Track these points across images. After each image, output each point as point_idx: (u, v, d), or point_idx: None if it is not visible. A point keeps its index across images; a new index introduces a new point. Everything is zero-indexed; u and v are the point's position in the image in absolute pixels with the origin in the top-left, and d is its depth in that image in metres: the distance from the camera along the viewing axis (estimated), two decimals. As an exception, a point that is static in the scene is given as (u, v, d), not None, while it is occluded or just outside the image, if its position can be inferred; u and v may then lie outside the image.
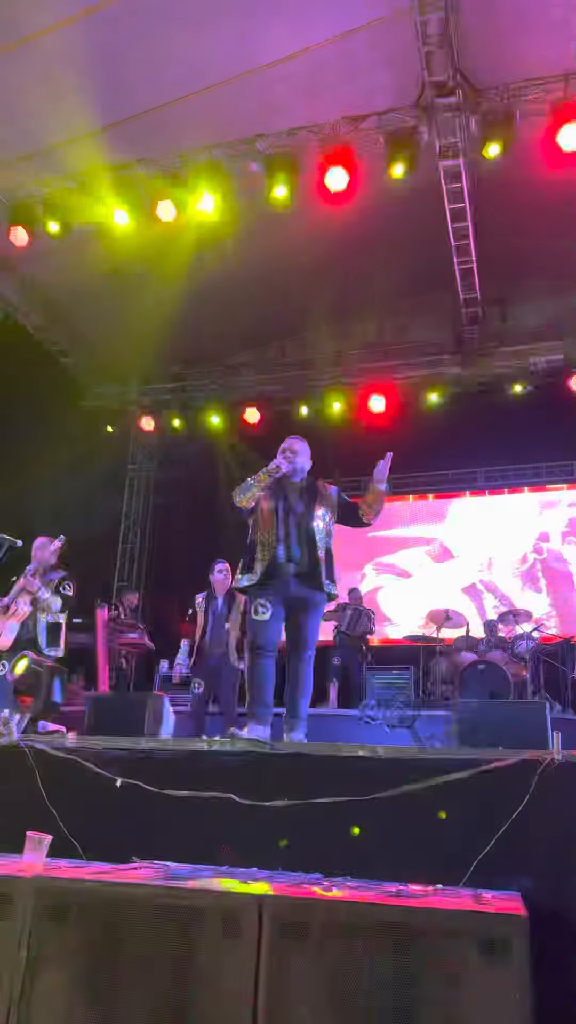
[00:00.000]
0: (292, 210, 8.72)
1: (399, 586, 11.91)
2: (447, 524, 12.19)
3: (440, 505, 12.38)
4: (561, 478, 11.88)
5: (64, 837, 3.35)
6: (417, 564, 11.96)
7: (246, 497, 4.50)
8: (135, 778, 3.46)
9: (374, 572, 12.07)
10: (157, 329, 11.30)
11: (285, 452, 4.61)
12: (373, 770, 3.27)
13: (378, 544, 12.07)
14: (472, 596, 11.27)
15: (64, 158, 8.00)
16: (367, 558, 12.10)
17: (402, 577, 11.93)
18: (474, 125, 7.14)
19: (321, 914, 2.29)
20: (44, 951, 2.42)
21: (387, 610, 11.68)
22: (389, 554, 12.13)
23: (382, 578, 12.00)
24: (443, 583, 11.68)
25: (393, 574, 12.00)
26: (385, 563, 12.08)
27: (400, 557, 12.08)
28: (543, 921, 2.66)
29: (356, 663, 9.15)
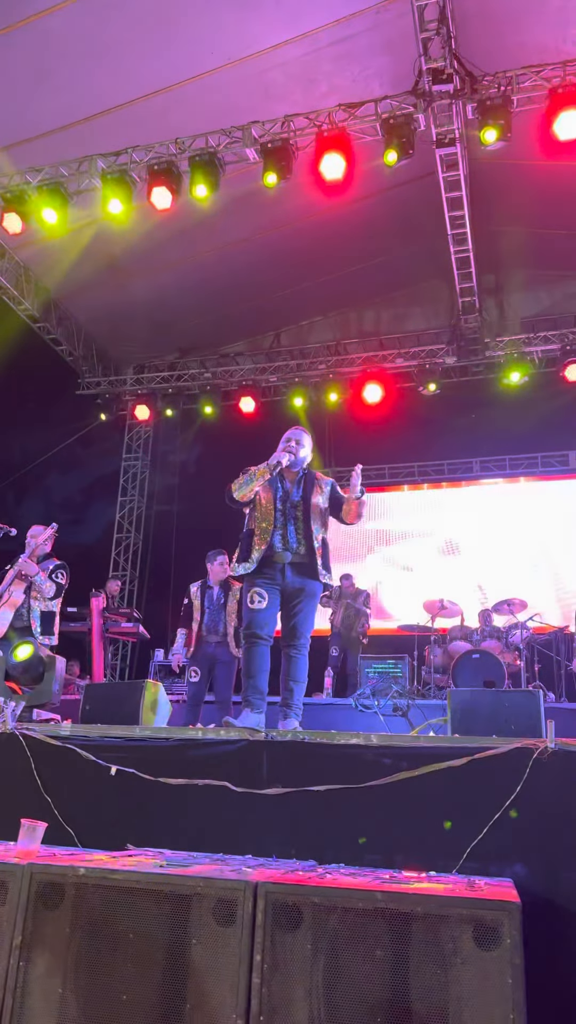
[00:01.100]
0: (288, 199, 8.71)
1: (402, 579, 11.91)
2: (444, 515, 12.18)
3: (434, 495, 12.39)
4: (557, 468, 11.90)
5: (59, 825, 3.36)
6: (420, 557, 11.94)
7: (245, 491, 4.48)
8: (130, 766, 3.47)
9: (381, 563, 12.06)
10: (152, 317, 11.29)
11: (289, 443, 4.59)
12: (367, 758, 3.28)
13: (379, 536, 12.07)
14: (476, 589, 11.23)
15: (57, 145, 7.95)
16: (368, 549, 12.09)
17: (406, 570, 11.90)
18: (471, 112, 7.10)
19: (315, 900, 2.29)
20: (38, 937, 2.43)
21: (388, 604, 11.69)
22: (388, 545, 12.12)
23: (386, 570, 11.99)
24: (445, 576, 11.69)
25: (396, 567, 11.98)
26: (388, 555, 12.08)
27: (401, 549, 12.07)
28: (536, 908, 2.68)
29: (354, 656, 9.16)
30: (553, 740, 3.07)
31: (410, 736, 3.88)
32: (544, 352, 10.82)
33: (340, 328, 12.14)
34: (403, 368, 11.35)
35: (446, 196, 8.56)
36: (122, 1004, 2.31)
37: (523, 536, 11.54)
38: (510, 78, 6.92)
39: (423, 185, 8.85)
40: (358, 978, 2.20)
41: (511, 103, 6.86)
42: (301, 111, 7.52)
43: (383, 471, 12.56)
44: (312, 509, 4.50)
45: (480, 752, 3.10)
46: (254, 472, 4.48)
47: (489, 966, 2.13)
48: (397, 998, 2.16)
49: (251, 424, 11.49)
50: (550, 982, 2.66)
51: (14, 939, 2.43)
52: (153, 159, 7.84)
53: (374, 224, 9.81)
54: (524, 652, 7.96)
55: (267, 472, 4.45)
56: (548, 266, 10.97)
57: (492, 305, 11.36)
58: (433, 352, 11.25)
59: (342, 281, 11.04)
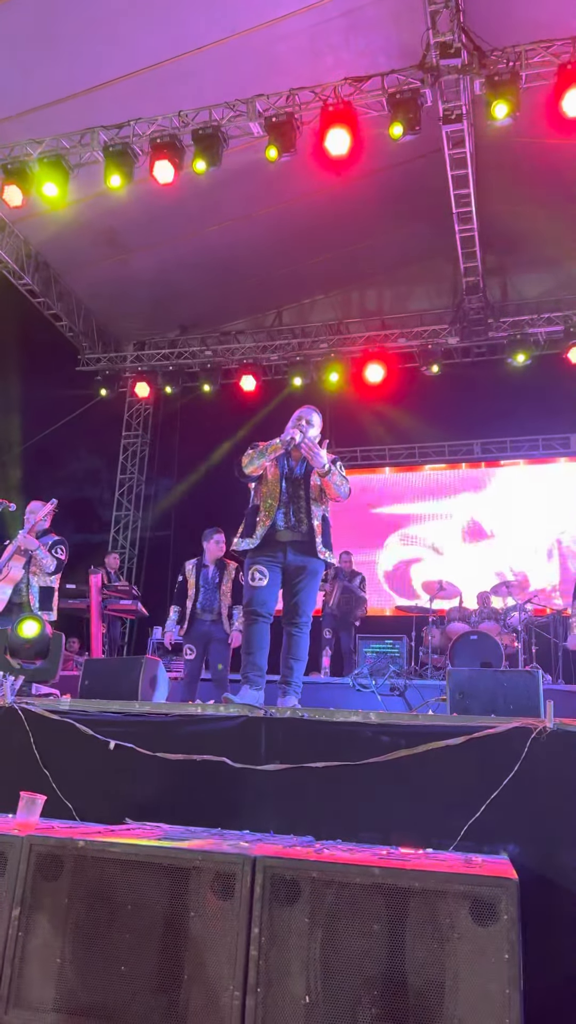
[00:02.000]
0: (292, 175, 8.61)
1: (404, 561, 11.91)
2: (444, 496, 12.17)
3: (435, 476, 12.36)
4: (558, 451, 11.87)
5: (58, 799, 3.37)
6: (439, 539, 11.92)
7: (255, 466, 4.46)
8: (128, 741, 3.47)
9: (399, 543, 12.06)
10: (153, 294, 11.21)
11: (300, 421, 4.56)
12: (366, 736, 3.28)
13: (388, 520, 12.07)
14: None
15: (58, 117, 7.84)
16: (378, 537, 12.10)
17: (408, 552, 11.89)
18: (479, 88, 6.99)
19: (313, 874, 2.30)
20: (37, 907, 2.44)
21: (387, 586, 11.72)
22: (386, 526, 12.11)
23: (388, 553, 11.99)
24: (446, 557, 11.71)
25: (420, 547, 11.97)
26: (410, 535, 12.06)
27: (401, 530, 12.05)
28: (532, 886, 2.69)
29: (346, 633, 9.19)
30: (552, 720, 3.08)
31: (409, 715, 3.89)
32: (547, 334, 10.76)
33: (342, 307, 12.06)
34: (405, 348, 11.28)
35: (451, 174, 8.47)
36: (120, 975, 2.33)
37: (524, 519, 11.53)
38: (519, 53, 6.81)
39: (428, 163, 8.74)
40: (355, 952, 2.21)
41: (519, 79, 6.75)
42: (306, 85, 7.41)
43: (383, 452, 12.54)
44: (312, 487, 4.49)
45: (479, 731, 3.10)
46: (265, 447, 4.46)
47: (486, 942, 2.14)
48: (393, 972, 2.17)
49: (252, 402, 11.45)
50: (545, 959, 2.68)
51: (13, 910, 2.45)
52: (156, 132, 7.74)
53: (378, 202, 9.71)
54: (522, 634, 7.98)
55: (280, 447, 4.43)
56: (553, 246, 10.87)
57: (496, 285, 11.28)
58: (436, 332, 11.18)
59: (344, 259, 10.95)
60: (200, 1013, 2.22)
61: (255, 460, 4.45)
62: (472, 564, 11.21)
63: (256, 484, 4.57)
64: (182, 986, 2.27)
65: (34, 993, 2.37)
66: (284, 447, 4.43)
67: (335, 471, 4.45)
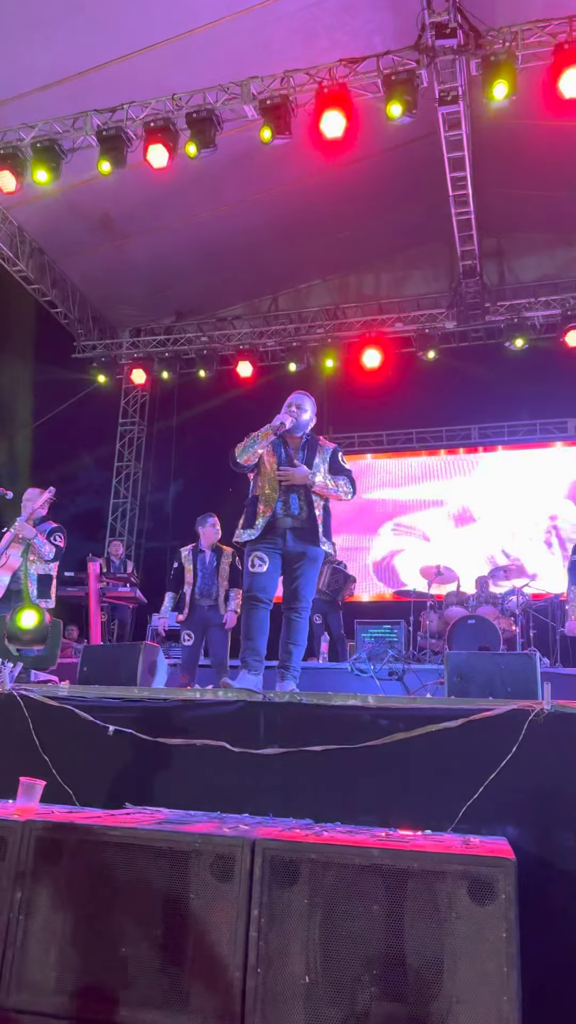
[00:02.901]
0: (287, 159, 8.55)
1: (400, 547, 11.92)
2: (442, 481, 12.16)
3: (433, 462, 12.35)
4: (556, 435, 11.86)
5: (57, 784, 3.38)
6: (421, 523, 11.92)
7: (248, 454, 4.46)
8: (128, 726, 3.49)
9: (392, 534, 12.06)
10: (149, 280, 11.15)
11: (291, 407, 4.56)
12: (364, 719, 3.30)
13: (383, 506, 12.06)
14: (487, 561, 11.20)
15: (50, 101, 7.77)
16: (373, 523, 12.08)
17: (422, 540, 11.88)
18: (475, 69, 6.93)
19: (312, 856, 2.31)
20: (38, 891, 2.45)
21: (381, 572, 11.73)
22: (401, 515, 12.09)
23: (384, 540, 11.99)
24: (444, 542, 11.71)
25: (411, 536, 11.96)
26: (403, 524, 12.05)
27: (398, 516, 12.04)
28: (529, 867, 2.71)
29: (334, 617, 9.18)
30: (549, 702, 3.09)
31: (407, 698, 3.91)
32: (545, 317, 10.72)
33: (339, 292, 12.01)
34: (402, 333, 11.24)
35: (448, 156, 8.42)
36: (121, 957, 2.34)
37: (521, 504, 11.53)
38: (515, 33, 6.74)
39: (424, 145, 8.68)
40: (354, 932, 2.23)
41: (516, 59, 6.69)
42: (301, 66, 7.34)
43: (381, 437, 12.53)
44: (315, 475, 4.48)
45: (476, 714, 3.12)
46: (257, 435, 4.46)
47: (484, 921, 2.15)
48: (392, 952, 2.19)
49: (248, 388, 11.42)
50: (543, 939, 2.70)
51: (14, 893, 2.46)
52: (149, 116, 7.67)
53: (374, 185, 9.65)
54: (520, 618, 8.00)
55: (270, 433, 4.43)
56: (550, 229, 10.83)
57: (493, 269, 11.23)
58: (433, 317, 11.14)
59: (341, 244, 10.90)
60: (201, 994, 2.24)
61: (248, 448, 4.45)
62: (468, 549, 11.21)
63: (254, 474, 4.57)
64: (183, 967, 2.29)
65: (36, 976, 2.39)
66: (274, 432, 4.43)
67: (327, 481, 4.45)
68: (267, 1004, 2.19)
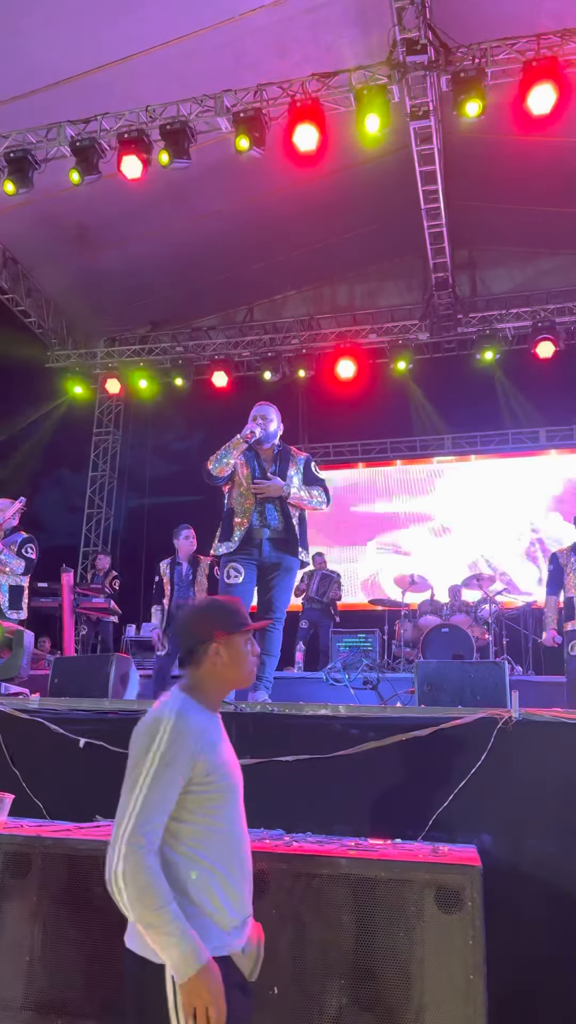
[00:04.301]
0: (261, 171, 8.59)
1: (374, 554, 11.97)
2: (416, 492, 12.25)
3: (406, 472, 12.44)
4: (527, 445, 12.00)
5: (27, 797, 3.36)
6: (409, 537, 11.95)
7: (222, 465, 4.48)
8: (99, 739, 3.47)
9: (375, 551, 12.10)
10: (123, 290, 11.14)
11: (256, 419, 4.58)
12: (335, 729, 3.32)
13: (370, 518, 12.09)
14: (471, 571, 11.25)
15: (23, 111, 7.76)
16: (361, 535, 12.11)
17: (401, 551, 11.92)
18: (445, 85, 7.03)
19: (282, 867, 2.32)
20: (5, 906, 2.44)
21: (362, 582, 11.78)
22: (389, 531, 12.12)
23: (385, 557, 12.03)
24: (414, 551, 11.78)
25: (389, 551, 12.00)
26: (388, 542, 12.09)
27: (402, 535, 12.07)
28: (499, 874, 2.74)
29: (324, 627, 9.24)
30: (517, 710, 3.12)
31: (378, 707, 3.93)
32: (516, 329, 10.85)
33: (313, 303, 12.08)
34: (376, 344, 11.32)
35: (420, 170, 8.51)
36: (89, 973, 2.33)
37: (494, 514, 11.64)
38: (484, 50, 6.85)
39: (397, 159, 8.78)
40: (323, 942, 2.24)
41: (485, 76, 6.80)
42: (274, 80, 7.40)
43: (355, 447, 12.60)
44: (289, 485, 4.50)
45: (445, 723, 3.14)
46: (228, 446, 4.48)
47: (451, 928, 2.18)
48: (361, 961, 2.21)
49: (224, 399, 11.42)
50: (512, 945, 2.73)
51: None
52: (123, 127, 7.68)
53: (347, 198, 9.73)
54: (493, 626, 8.07)
55: (241, 443, 4.45)
56: (521, 243, 10.98)
57: (465, 281, 11.36)
58: (406, 328, 11.23)
59: (315, 255, 10.97)
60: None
61: (220, 460, 4.47)
62: (443, 560, 11.29)
63: (229, 487, 4.59)
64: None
65: (3, 991, 2.37)
66: (244, 441, 4.46)
67: (302, 491, 4.48)
68: (236, 1015, 2.19)
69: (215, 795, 1.78)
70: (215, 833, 1.77)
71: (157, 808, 1.68)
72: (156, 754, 1.71)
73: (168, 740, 1.73)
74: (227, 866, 1.76)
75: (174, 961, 1.60)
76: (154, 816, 1.67)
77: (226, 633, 1.94)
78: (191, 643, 1.95)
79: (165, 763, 1.71)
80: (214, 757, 1.80)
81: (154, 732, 1.74)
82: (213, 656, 1.92)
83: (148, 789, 1.68)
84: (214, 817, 1.77)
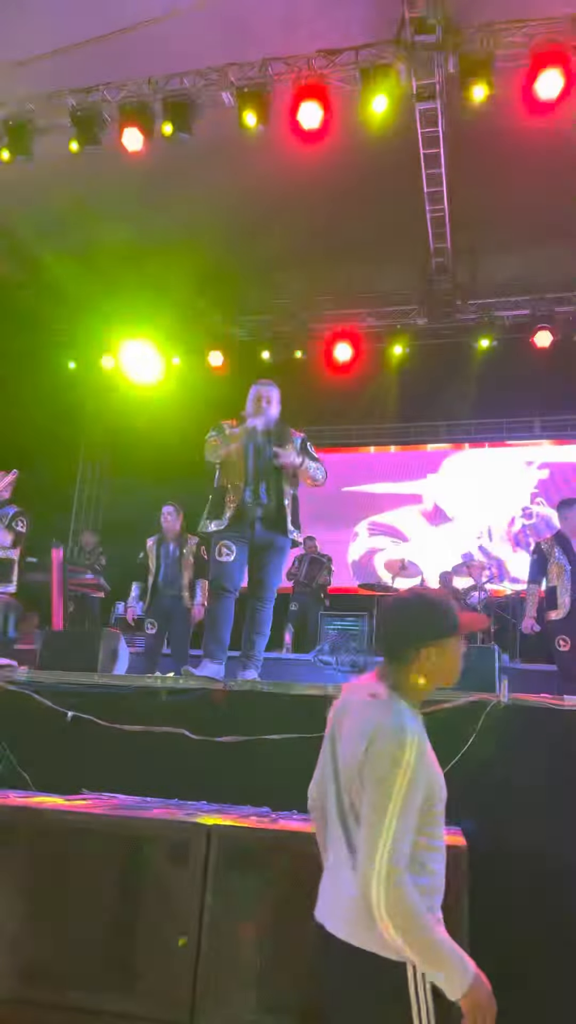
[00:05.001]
0: (262, 149, 8.49)
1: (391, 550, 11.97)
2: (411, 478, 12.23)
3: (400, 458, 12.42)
4: (522, 435, 11.99)
5: (13, 769, 3.35)
6: (405, 523, 11.93)
7: (219, 455, 4.44)
8: (87, 713, 3.47)
9: (367, 531, 12.07)
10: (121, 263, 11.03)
11: (259, 402, 4.53)
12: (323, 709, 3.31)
13: (359, 499, 12.06)
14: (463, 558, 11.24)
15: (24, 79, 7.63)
16: (350, 517, 12.08)
17: (396, 537, 11.91)
18: (452, 66, 6.96)
19: (267, 843, 2.33)
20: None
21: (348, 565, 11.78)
22: (379, 512, 12.10)
23: (375, 540, 12.00)
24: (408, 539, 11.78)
25: (388, 535, 11.98)
26: (380, 523, 12.06)
27: (394, 516, 12.05)
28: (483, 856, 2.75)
29: (314, 611, 9.25)
30: (506, 695, 3.13)
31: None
32: (514, 317, 10.81)
33: (311, 285, 11.98)
34: (373, 328, 11.27)
35: (423, 152, 8.44)
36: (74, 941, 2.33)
37: (486, 502, 11.65)
38: (493, 32, 6.78)
39: (400, 141, 8.67)
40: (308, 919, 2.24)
41: (493, 58, 6.73)
42: (280, 55, 7.30)
43: (350, 431, 12.55)
44: (283, 465, 4.48)
45: (435, 704, 3.14)
46: (229, 435, 4.43)
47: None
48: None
49: (219, 378, 11.36)
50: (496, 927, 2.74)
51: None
52: (125, 98, 7.58)
53: (349, 179, 9.61)
54: (481, 613, 8.09)
55: (242, 436, 4.40)
56: (522, 230, 10.89)
57: (464, 268, 11.28)
58: (404, 313, 11.17)
59: (314, 236, 10.86)
60: (153, 978, 2.24)
61: (219, 449, 4.42)
62: (435, 547, 11.31)
63: (221, 463, 4.54)
64: (136, 950, 2.29)
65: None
66: (246, 435, 4.40)
67: (307, 461, 4.46)
68: (219, 988, 2.20)
69: (436, 811, 1.75)
70: (433, 848, 1.74)
71: (406, 833, 1.65)
72: (405, 776, 1.66)
73: (415, 761, 1.67)
74: (441, 881, 1.73)
75: (450, 977, 1.58)
76: (403, 842, 1.64)
77: (442, 636, 1.86)
78: (401, 643, 1.88)
79: (414, 786, 1.66)
80: (438, 774, 1.76)
81: (399, 749, 1.68)
82: (423, 660, 1.84)
83: (400, 815, 1.63)
84: (433, 831, 1.74)
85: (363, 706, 1.83)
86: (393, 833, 1.62)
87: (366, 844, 1.64)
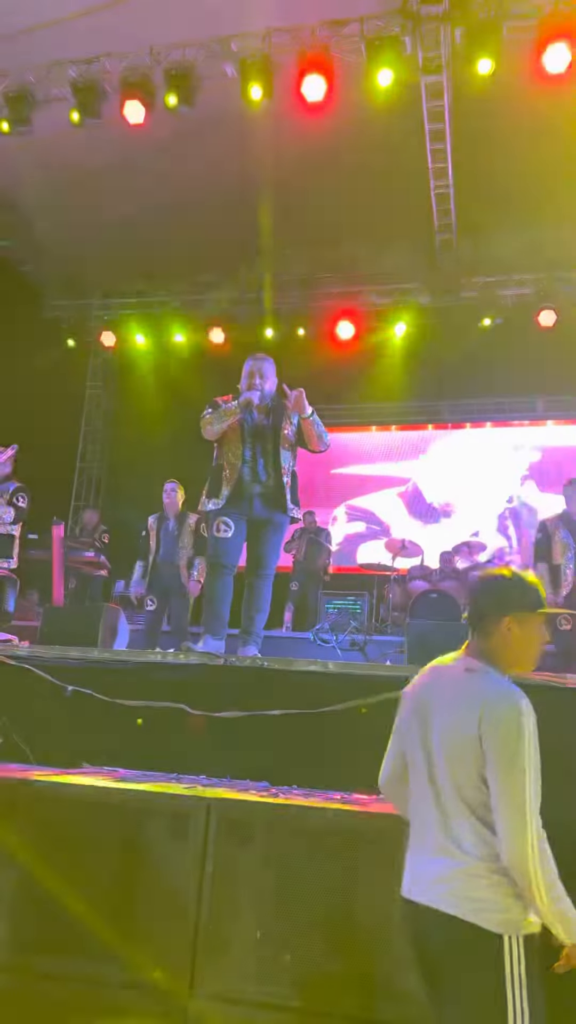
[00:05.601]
0: (266, 123, 8.38)
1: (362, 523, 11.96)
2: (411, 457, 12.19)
3: (401, 437, 12.37)
4: (524, 414, 11.92)
5: (13, 743, 3.36)
6: (391, 509, 11.92)
7: (216, 431, 4.41)
8: (87, 687, 3.47)
9: (345, 516, 12.05)
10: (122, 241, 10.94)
11: (253, 378, 4.50)
12: (324, 685, 3.32)
13: (348, 481, 12.03)
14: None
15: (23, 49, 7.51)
16: (338, 498, 12.05)
17: (376, 525, 11.89)
18: (459, 38, 6.84)
19: (267, 817, 2.33)
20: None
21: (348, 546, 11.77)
22: (361, 495, 12.06)
23: (355, 524, 11.98)
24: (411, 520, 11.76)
25: (368, 521, 11.95)
26: (358, 507, 12.03)
27: (373, 500, 12.01)
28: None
29: (314, 590, 9.24)
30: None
31: (367, 664, 3.94)
32: (518, 296, 10.73)
33: (313, 262, 11.87)
34: (376, 305, 11.18)
35: (429, 127, 8.33)
36: (74, 912, 2.35)
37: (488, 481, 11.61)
38: (501, 2, 6.66)
39: (405, 115, 8.55)
40: (307, 891, 2.25)
41: (501, 29, 6.61)
42: (283, 25, 7.18)
43: (353, 410, 12.47)
44: (282, 441, 4.46)
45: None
46: (224, 410, 4.40)
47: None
48: (344, 910, 2.22)
49: (220, 355, 11.29)
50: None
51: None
52: (127, 69, 7.47)
53: (354, 156, 9.50)
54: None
55: (238, 411, 4.38)
56: (527, 208, 10.76)
57: (468, 245, 11.16)
58: (407, 290, 11.08)
59: (317, 213, 10.75)
60: (152, 949, 2.26)
61: (215, 425, 4.40)
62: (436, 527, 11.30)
63: (219, 441, 4.52)
64: (135, 923, 2.30)
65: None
66: (242, 411, 4.38)
67: (315, 415, 4.46)
68: (219, 957, 2.22)
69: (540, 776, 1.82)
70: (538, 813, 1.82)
71: (538, 798, 1.76)
72: (530, 743, 1.76)
73: (534, 728, 1.78)
74: None
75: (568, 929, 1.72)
76: (537, 806, 1.75)
77: (523, 611, 1.93)
78: (484, 612, 1.97)
79: (537, 752, 1.77)
80: None
81: (519, 716, 1.77)
82: (504, 632, 1.92)
83: (534, 782, 1.74)
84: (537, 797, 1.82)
85: (463, 679, 1.92)
86: (533, 799, 1.74)
87: (510, 818, 1.74)
